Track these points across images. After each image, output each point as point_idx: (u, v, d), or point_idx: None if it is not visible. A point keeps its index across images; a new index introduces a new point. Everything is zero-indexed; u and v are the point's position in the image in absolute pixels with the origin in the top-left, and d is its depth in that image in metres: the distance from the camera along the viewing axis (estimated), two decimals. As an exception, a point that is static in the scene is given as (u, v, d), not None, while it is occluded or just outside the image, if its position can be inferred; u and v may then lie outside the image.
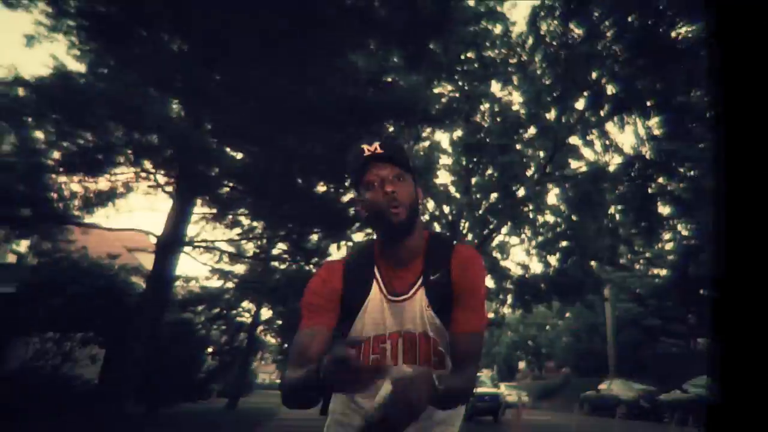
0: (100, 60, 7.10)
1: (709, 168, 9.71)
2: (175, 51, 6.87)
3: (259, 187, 7.61)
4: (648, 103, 8.77)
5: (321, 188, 9.19)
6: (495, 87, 12.17)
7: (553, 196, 13.90)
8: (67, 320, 8.34)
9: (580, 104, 10.22)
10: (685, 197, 11.17)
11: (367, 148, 1.27)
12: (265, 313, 21.81)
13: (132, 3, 6.23)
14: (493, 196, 13.18)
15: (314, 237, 12.36)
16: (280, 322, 21.78)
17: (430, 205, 15.33)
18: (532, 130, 11.13)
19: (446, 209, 15.71)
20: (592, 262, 13.67)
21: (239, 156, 8.27)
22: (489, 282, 16.49)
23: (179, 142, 6.33)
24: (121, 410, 6.89)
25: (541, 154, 11.94)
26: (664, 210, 12.32)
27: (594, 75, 9.30)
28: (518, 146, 11.10)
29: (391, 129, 7.44)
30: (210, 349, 19.75)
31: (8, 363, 8.77)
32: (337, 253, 13.23)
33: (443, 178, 15.77)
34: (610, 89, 9.15)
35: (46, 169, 6.49)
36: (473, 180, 14.34)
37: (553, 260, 14.30)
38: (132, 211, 44.69)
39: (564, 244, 13.29)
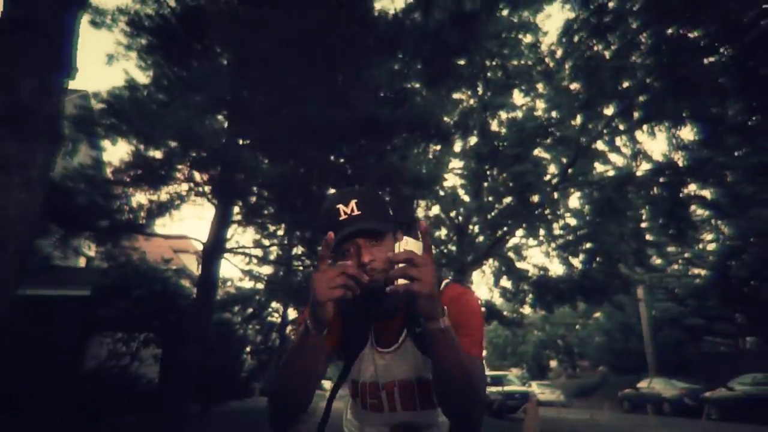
0: (163, 76, 7.81)
1: (745, 174, 9.77)
2: (225, 67, 7.50)
3: (282, 194, 8.03)
4: (682, 114, 8.82)
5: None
6: (515, 95, 12.31)
7: (575, 198, 13.95)
8: (132, 322, 9.11)
9: (608, 109, 10.33)
10: (722, 201, 11.21)
11: (342, 210, 1.16)
12: (292, 313, 22.56)
13: (193, 18, 6.89)
14: (507, 199, 13.10)
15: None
16: (305, 319, 22.40)
17: (436, 208, 15.50)
18: (550, 139, 11.15)
19: (452, 213, 15.77)
20: (620, 265, 13.74)
21: (265, 165, 8.83)
22: (506, 282, 16.75)
23: (227, 158, 6.92)
24: (186, 409, 7.54)
25: (564, 159, 12.02)
26: (699, 213, 12.33)
27: (625, 84, 9.37)
28: (536, 152, 11.08)
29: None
30: (248, 349, 20.62)
31: (88, 362, 9.60)
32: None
33: (452, 180, 15.73)
34: (642, 98, 9.18)
35: (121, 182, 7.21)
36: (485, 184, 14.10)
37: (575, 262, 14.41)
38: (182, 220, 47.15)
39: (588, 245, 13.34)
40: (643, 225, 12.43)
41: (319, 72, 6.34)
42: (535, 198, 11.11)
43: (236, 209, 9.71)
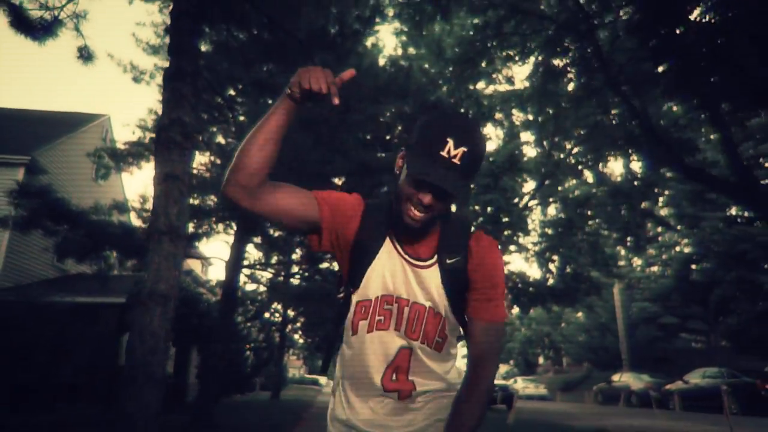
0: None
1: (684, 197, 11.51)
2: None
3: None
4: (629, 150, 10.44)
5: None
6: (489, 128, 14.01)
7: (552, 208, 15.76)
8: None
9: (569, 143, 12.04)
10: (668, 217, 12.98)
11: (450, 148, 1.04)
12: (291, 312, 24.04)
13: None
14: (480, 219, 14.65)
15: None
16: (302, 319, 23.98)
17: None
18: (516, 170, 12.87)
19: None
20: (591, 271, 15.51)
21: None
22: None
23: None
24: (214, 401, 9.16)
25: (531, 183, 13.72)
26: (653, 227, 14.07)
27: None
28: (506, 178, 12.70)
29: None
30: (248, 346, 22.15)
31: (121, 358, 11.34)
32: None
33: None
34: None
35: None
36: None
37: (552, 267, 16.21)
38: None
39: (555, 256, 15.10)
40: (601, 235, 14.18)
41: (323, 134, 8.05)
42: (505, 219, 12.78)
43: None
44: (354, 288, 1.24)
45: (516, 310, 20.17)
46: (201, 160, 10.20)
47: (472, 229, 1.28)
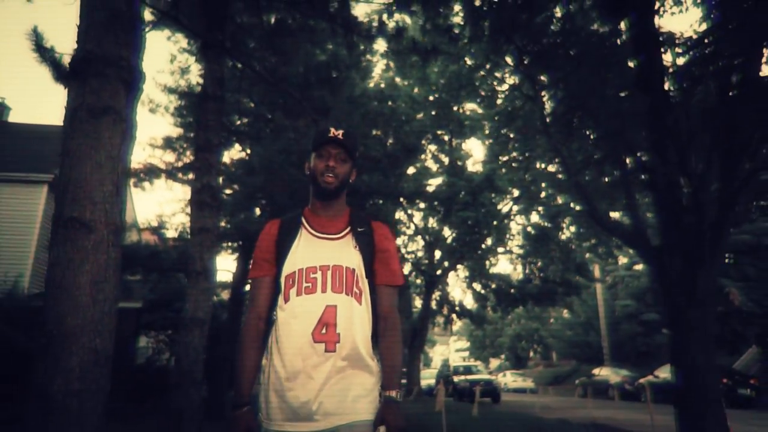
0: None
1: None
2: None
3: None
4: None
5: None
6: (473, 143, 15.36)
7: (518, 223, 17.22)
8: (172, 326, 12.03)
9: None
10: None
11: (333, 131, 1.59)
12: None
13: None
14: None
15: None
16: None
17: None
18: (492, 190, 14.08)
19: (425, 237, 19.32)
20: (571, 274, 16.87)
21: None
22: (476, 285, 20.03)
23: (249, 230, 9.88)
24: (224, 396, 10.43)
25: (509, 199, 15.05)
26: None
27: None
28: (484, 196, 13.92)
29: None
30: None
31: (138, 359, 12.61)
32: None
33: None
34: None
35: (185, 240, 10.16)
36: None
37: (535, 269, 17.59)
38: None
39: (534, 260, 16.43)
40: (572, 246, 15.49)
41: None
42: (485, 231, 14.04)
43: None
44: (280, 268, 1.59)
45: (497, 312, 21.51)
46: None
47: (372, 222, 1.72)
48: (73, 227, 2.31)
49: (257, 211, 10.50)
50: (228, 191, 10.14)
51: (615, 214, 10.05)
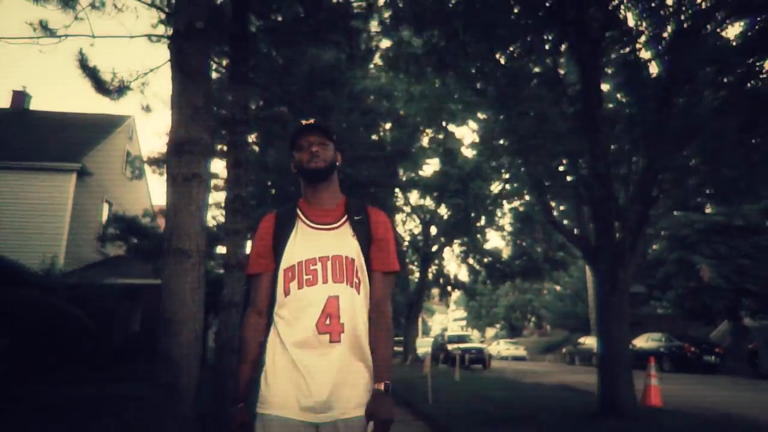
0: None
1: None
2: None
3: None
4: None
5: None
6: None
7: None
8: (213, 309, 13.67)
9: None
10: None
11: (304, 122, 1.63)
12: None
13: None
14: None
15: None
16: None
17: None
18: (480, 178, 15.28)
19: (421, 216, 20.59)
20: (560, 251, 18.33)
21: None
22: (471, 260, 21.61)
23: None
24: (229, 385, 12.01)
25: (497, 185, 16.34)
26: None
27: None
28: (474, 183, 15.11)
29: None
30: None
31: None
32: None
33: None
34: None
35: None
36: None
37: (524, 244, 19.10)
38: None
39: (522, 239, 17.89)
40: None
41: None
42: (473, 214, 15.37)
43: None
44: (279, 261, 1.57)
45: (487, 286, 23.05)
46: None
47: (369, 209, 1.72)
48: (177, 254, 3.64)
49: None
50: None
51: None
